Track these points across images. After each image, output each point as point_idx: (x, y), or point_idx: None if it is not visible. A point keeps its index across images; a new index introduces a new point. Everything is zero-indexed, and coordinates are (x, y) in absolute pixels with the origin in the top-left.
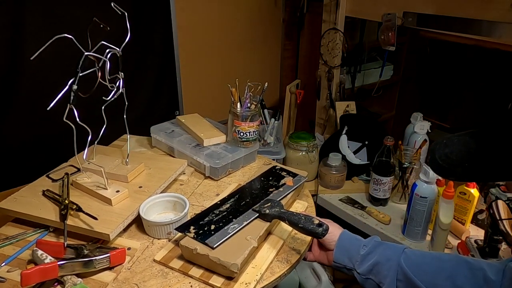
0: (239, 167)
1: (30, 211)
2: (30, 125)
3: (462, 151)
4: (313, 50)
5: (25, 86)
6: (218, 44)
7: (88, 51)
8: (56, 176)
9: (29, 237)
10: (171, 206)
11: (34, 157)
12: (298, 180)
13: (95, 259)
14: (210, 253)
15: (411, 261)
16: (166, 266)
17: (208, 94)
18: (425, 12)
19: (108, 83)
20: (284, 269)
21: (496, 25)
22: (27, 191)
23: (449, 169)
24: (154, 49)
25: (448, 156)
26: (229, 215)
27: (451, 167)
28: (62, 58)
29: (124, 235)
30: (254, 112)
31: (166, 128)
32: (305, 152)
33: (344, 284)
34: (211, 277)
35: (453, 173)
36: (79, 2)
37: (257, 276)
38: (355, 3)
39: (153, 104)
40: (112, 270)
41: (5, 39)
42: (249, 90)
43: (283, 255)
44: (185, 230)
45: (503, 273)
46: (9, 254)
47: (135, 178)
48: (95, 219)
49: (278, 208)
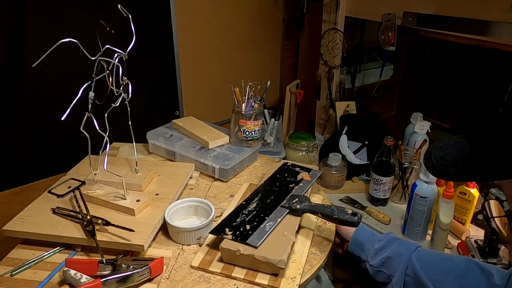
0: (244, 167)
1: (46, 230)
2: (30, 125)
3: (456, 153)
4: (313, 50)
5: (25, 86)
6: (218, 44)
7: (96, 55)
8: (59, 191)
9: (47, 258)
10: (193, 211)
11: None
12: (314, 174)
13: (136, 272)
14: (255, 253)
15: (422, 258)
16: (206, 271)
17: (208, 94)
18: (425, 12)
19: (116, 88)
20: (321, 260)
21: (496, 25)
22: (33, 210)
23: (443, 170)
24: (154, 49)
25: (443, 158)
26: (259, 214)
27: (445, 168)
28: (62, 59)
29: (152, 244)
30: (257, 110)
31: (163, 133)
32: (305, 152)
33: (344, 284)
34: (256, 275)
35: (446, 174)
36: (79, 3)
37: (299, 270)
38: (355, 3)
39: (153, 104)
40: (152, 281)
41: (5, 39)
42: (250, 90)
43: (315, 246)
44: (221, 232)
45: (508, 279)
46: (31, 279)
47: (148, 186)
48: (132, 231)
49: (307, 202)
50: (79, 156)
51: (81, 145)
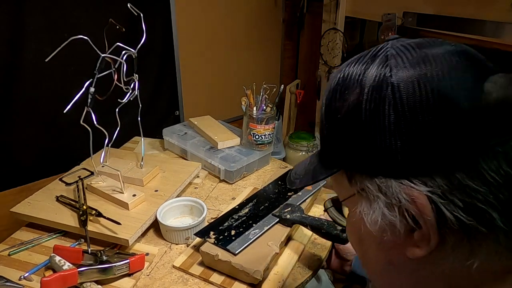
0: (253, 170)
1: (46, 216)
2: (30, 125)
3: (304, 166)
4: (313, 50)
5: (25, 86)
6: (218, 44)
7: (104, 53)
8: (70, 180)
9: (44, 242)
10: (188, 211)
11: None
12: (316, 184)
13: (114, 266)
14: (232, 260)
15: None
16: (186, 273)
17: (208, 94)
18: (425, 12)
19: (124, 85)
20: (306, 275)
21: (496, 25)
22: (41, 195)
23: (293, 181)
24: (154, 49)
25: (296, 172)
26: (248, 220)
27: (294, 179)
28: (62, 58)
29: (142, 240)
30: (269, 114)
31: (178, 130)
32: (305, 152)
33: (344, 284)
34: (233, 284)
35: (292, 184)
36: (79, 3)
37: (279, 283)
38: (355, 3)
39: (153, 104)
40: (131, 276)
41: (5, 39)
42: (264, 92)
43: (304, 261)
44: (205, 235)
45: None
46: (25, 260)
47: (150, 182)
48: (118, 224)
49: (299, 213)
50: (79, 156)
51: (81, 145)
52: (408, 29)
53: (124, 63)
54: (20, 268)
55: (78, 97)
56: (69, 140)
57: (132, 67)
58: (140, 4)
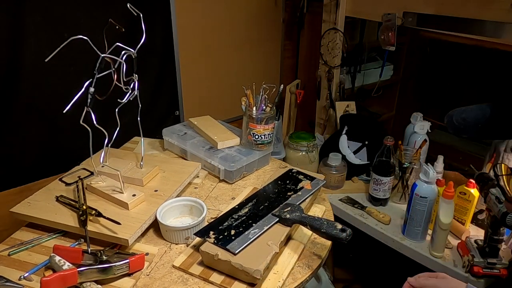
0: (253, 170)
1: (45, 216)
2: (30, 125)
3: (478, 115)
4: (313, 50)
5: (25, 86)
6: (218, 44)
7: (104, 53)
8: (69, 180)
9: (44, 242)
10: (188, 210)
11: (36, 156)
12: (316, 184)
13: (114, 266)
14: (232, 259)
15: None
16: (185, 272)
17: (208, 94)
18: (425, 12)
19: (123, 85)
20: (306, 275)
21: (496, 25)
22: (41, 195)
23: (464, 129)
24: (154, 49)
25: (465, 119)
26: (248, 220)
27: (466, 127)
28: (62, 58)
29: (142, 240)
30: (269, 114)
31: (178, 130)
32: (305, 152)
33: (344, 284)
34: (233, 283)
35: (466, 132)
36: (79, 3)
37: (279, 283)
38: (355, 3)
39: (153, 104)
40: (131, 276)
41: (5, 39)
42: (264, 92)
43: (304, 260)
44: (204, 235)
45: None
46: (25, 260)
47: (150, 182)
48: (118, 224)
49: (298, 212)
50: (79, 156)
51: (81, 145)
52: (408, 29)
53: (124, 63)
54: (20, 268)
55: (78, 97)
56: (69, 140)
57: (131, 67)
58: (140, 4)
